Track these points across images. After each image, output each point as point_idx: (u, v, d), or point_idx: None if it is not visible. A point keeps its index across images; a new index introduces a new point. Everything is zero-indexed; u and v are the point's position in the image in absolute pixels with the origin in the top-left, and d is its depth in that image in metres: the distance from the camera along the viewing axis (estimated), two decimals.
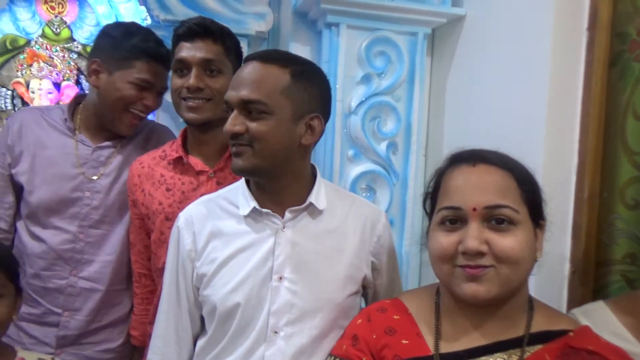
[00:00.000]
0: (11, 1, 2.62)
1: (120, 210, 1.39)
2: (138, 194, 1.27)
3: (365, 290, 1.08)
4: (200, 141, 1.26)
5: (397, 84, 1.55)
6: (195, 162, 1.24)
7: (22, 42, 2.63)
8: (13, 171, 1.37)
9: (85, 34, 2.72)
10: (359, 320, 0.90)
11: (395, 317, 0.86)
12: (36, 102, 2.52)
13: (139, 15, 2.48)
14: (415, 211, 1.62)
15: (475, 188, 0.77)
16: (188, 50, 1.20)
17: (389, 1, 1.48)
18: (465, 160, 0.82)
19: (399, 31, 1.53)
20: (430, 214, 0.87)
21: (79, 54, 2.69)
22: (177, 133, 1.68)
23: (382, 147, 1.57)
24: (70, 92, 2.62)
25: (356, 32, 1.51)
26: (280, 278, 0.97)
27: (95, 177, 1.37)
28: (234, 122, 0.92)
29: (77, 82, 2.68)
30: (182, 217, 1.06)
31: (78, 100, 1.45)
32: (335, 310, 0.99)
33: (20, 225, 1.38)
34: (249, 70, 0.94)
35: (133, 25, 1.43)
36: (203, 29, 1.20)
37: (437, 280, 0.86)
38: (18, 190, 1.38)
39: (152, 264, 1.29)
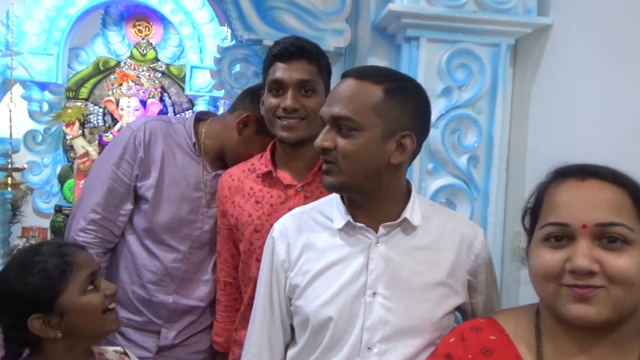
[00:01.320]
0: (104, 26, 2.85)
1: None
2: (228, 205, 1.32)
3: (462, 310, 1.05)
4: (289, 156, 1.28)
5: (479, 97, 1.52)
6: (284, 176, 1.27)
7: (112, 63, 2.85)
8: (139, 184, 1.35)
9: (169, 54, 2.90)
10: (452, 339, 0.88)
11: (491, 337, 0.84)
12: (125, 119, 2.72)
13: (219, 36, 2.61)
14: (497, 226, 1.57)
15: (584, 204, 0.73)
16: (284, 71, 1.21)
17: (471, 13, 1.46)
18: (573, 175, 0.78)
19: (481, 43, 1.50)
20: (530, 230, 0.84)
21: (163, 73, 2.88)
22: None
23: (462, 160, 1.53)
24: (154, 108, 2.80)
25: (436, 45, 1.50)
26: (374, 294, 0.97)
27: (210, 203, 1.39)
28: (324, 138, 0.94)
29: (161, 100, 2.86)
30: (277, 228, 1.09)
31: (200, 118, 1.45)
32: (430, 329, 0.97)
33: (131, 235, 1.40)
34: (344, 86, 0.95)
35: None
36: (299, 49, 1.22)
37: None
38: (137, 201, 1.37)
39: (240, 272, 1.33)
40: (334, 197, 1.06)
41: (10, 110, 2.29)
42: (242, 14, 1.73)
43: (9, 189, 2.31)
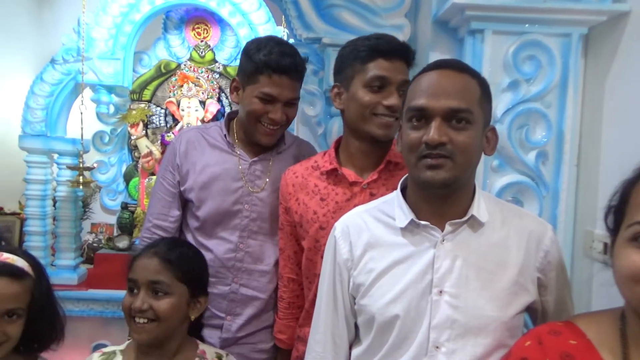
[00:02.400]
0: (165, 30, 2.95)
1: (274, 223, 1.44)
2: (292, 202, 1.33)
3: (533, 309, 1.01)
4: (363, 153, 1.27)
5: (548, 90, 1.45)
6: (349, 173, 1.27)
7: (173, 65, 2.94)
8: (182, 188, 1.46)
9: (226, 55, 2.97)
10: (528, 342, 0.84)
11: (571, 341, 0.80)
12: (185, 119, 2.81)
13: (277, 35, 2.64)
14: (567, 226, 1.50)
15: None
16: (388, 70, 1.20)
17: (540, 2, 1.39)
18: None
19: (550, 33, 1.44)
20: (614, 230, 0.79)
21: (220, 74, 2.95)
22: (316, 146, 1.77)
23: (530, 156, 1.48)
24: (212, 108, 2.87)
25: (502, 37, 1.45)
26: (441, 292, 0.95)
27: (252, 190, 1.44)
28: (440, 132, 0.90)
29: (219, 100, 2.94)
30: (339, 227, 1.09)
31: (231, 116, 1.53)
32: (501, 328, 0.94)
33: (188, 234, 1.49)
34: (449, 79, 0.93)
35: (265, 40, 1.40)
36: (404, 49, 1.22)
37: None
38: (186, 204, 1.49)
39: (303, 269, 1.34)
40: (395, 196, 1.05)
41: (81, 113, 2.43)
42: (301, 12, 1.74)
43: (81, 187, 2.45)
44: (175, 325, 1.14)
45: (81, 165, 2.44)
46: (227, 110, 2.94)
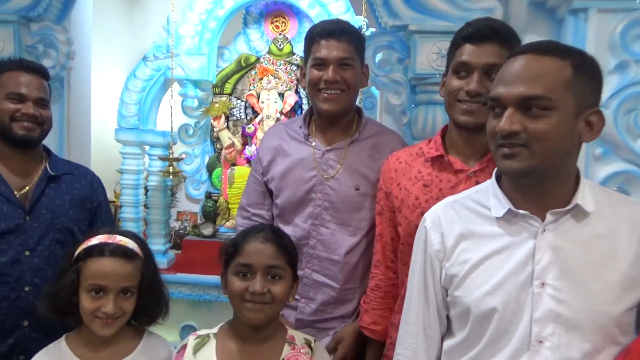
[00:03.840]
0: (245, 25, 3.04)
1: (346, 213, 1.47)
2: (394, 187, 1.33)
3: None
4: (464, 140, 1.26)
5: None
6: (455, 160, 1.25)
7: (252, 59, 3.02)
8: (265, 179, 1.58)
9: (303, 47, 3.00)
10: None
11: None
12: (265, 111, 2.88)
13: (355, 25, 2.64)
14: None
15: None
16: (471, 55, 1.18)
17: None
18: None
19: None
20: None
21: (298, 66, 2.99)
22: (402, 134, 1.75)
23: (639, 144, 1.37)
24: (291, 100, 2.92)
25: (608, 16, 1.35)
26: (543, 284, 0.91)
27: (325, 178, 1.48)
28: (511, 121, 0.88)
29: (296, 91, 2.98)
30: (429, 217, 1.08)
31: (312, 109, 1.58)
32: (611, 324, 0.89)
33: (275, 223, 1.58)
34: (523, 64, 0.90)
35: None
36: (492, 31, 1.18)
37: None
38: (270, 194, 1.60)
39: (401, 255, 1.34)
40: (490, 185, 1.02)
41: (171, 107, 2.57)
42: (387, 0, 1.72)
43: (171, 177, 2.59)
44: (282, 308, 1.19)
45: (171, 156, 2.58)
46: (305, 101, 2.98)
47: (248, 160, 2.90)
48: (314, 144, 1.51)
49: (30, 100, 1.48)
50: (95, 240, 1.21)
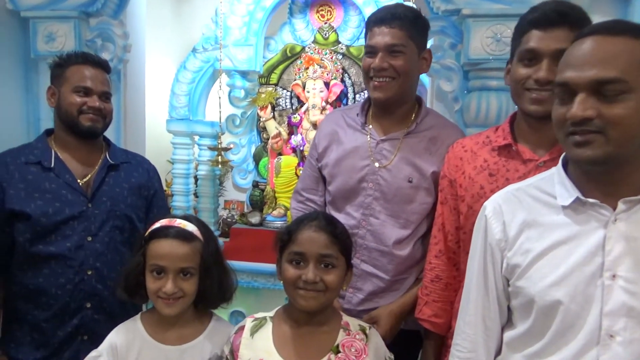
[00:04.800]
0: (291, 14, 3.04)
1: (397, 205, 1.45)
2: (458, 175, 1.31)
3: None
4: (533, 129, 1.22)
5: None
6: (523, 150, 1.21)
7: (298, 49, 3.02)
8: (319, 165, 1.59)
9: (349, 35, 2.97)
10: None
11: None
12: (310, 101, 2.88)
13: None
14: None
15: None
16: (539, 41, 1.13)
17: None
18: None
19: None
20: None
21: (343, 55, 2.97)
22: (454, 122, 1.71)
23: None
24: (336, 89, 2.91)
25: None
26: (614, 276, 0.87)
27: (378, 167, 1.46)
28: (584, 106, 0.84)
29: (342, 80, 2.96)
30: (489, 206, 1.05)
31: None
32: None
33: (327, 209, 1.60)
34: (593, 45, 0.85)
35: None
36: (561, 16, 1.13)
37: None
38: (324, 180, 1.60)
39: (463, 246, 1.32)
40: (555, 172, 0.98)
41: (219, 97, 2.62)
42: None
43: (220, 166, 2.65)
44: (336, 296, 1.20)
45: (219, 146, 2.63)
46: (350, 90, 2.96)
47: (294, 150, 2.91)
48: (369, 132, 1.50)
49: (95, 94, 1.55)
50: (158, 224, 1.26)
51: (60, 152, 1.57)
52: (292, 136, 2.92)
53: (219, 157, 2.60)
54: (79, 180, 1.56)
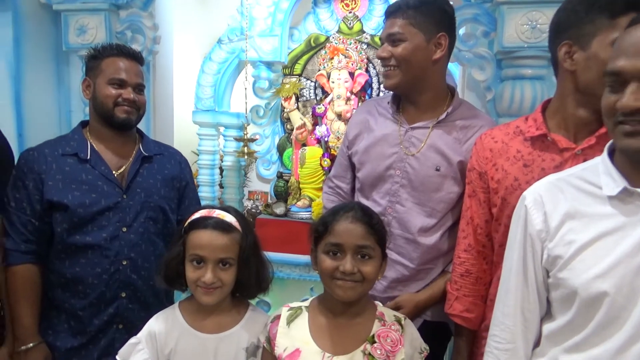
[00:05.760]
0: (315, 4, 3.02)
1: (424, 194, 1.44)
2: (489, 167, 1.29)
3: None
4: (577, 118, 1.19)
5: None
6: (559, 139, 1.19)
7: (322, 39, 3.00)
8: (349, 152, 1.61)
9: (373, 25, 2.94)
10: None
11: None
12: (335, 91, 2.86)
13: None
14: None
15: None
16: None
17: None
18: None
19: None
20: None
21: (368, 44, 2.94)
22: (486, 112, 1.69)
23: None
24: (361, 79, 2.89)
25: None
26: None
27: (407, 155, 1.46)
28: (636, 97, 0.82)
29: (366, 70, 2.94)
30: (530, 196, 1.03)
31: None
32: None
33: (355, 196, 1.62)
34: None
35: None
36: None
37: None
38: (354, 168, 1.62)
39: (497, 238, 1.30)
40: (600, 162, 0.96)
41: (245, 88, 2.62)
42: None
43: (245, 157, 2.66)
44: (372, 286, 1.20)
45: (245, 137, 2.64)
46: (375, 80, 2.94)
47: (318, 141, 2.90)
48: (400, 121, 1.50)
49: (130, 86, 1.56)
50: (197, 215, 1.27)
51: (95, 143, 1.60)
52: (317, 127, 2.92)
53: (245, 147, 2.61)
54: (114, 172, 1.58)
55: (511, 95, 1.69)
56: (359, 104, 2.86)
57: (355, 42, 2.93)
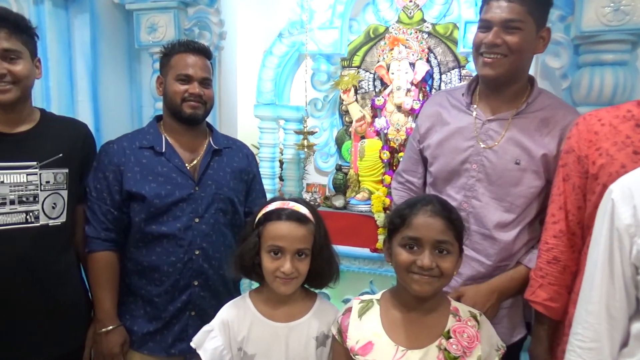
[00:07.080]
0: None
1: (501, 188, 1.39)
2: (591, 151, 1.22)
3: None
4: None
5: None
6: None
7: (381, 30, 2.96)
8: (421, 146, 1.58)
9: (435, 13, 2.87)
10: None
11: None
12: (395, 82, 2.82)
13: None
14: None
15: None
16: None
17: None
18: None
19: None
20: None
21: (429, 34, 2.87)
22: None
23: None
24: (422, 70, 2.83)
25: None
26: None
27: (482, 148, 1.41)
28: None
29: (427, 60, 2.87)
30: (617, 189, 0.98)
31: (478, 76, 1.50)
32: None
33: (427, 190, 1.59)
34: None
35: None
36: None
37: None
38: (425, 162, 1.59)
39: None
40: None
41: (305, 82, 2.64)
42: None
43: (305, 149, 2.68)
44: (449, 281, 1.19)
45: (305, 130, 2.66)
46: (436, 71, 2.87)
47: (378, 133, 2.88)
48: (475, 113, 1.45)
49: (195, 81, 1.60)
50: (272, 207, 1.30)
51: (168, 137, 1.66)
52: (376, 119, 2.89)
53: (305, 140, 2.63)
54: (187, 165, 1.64)
55: (590, 83, 1.60)
56: (420, 95, 2.81)
57: (416, 32, 2.87)
